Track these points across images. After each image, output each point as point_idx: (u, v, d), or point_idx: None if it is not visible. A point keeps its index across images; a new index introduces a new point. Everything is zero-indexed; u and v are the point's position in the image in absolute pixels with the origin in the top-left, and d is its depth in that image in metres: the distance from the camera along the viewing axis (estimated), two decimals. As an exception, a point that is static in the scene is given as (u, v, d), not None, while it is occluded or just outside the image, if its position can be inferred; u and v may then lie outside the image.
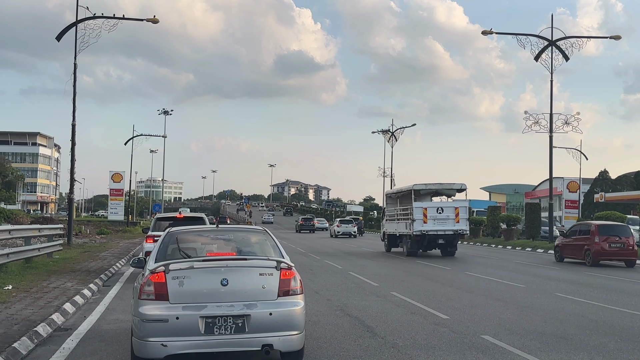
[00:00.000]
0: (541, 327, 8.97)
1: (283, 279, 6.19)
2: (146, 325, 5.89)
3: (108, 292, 12.66)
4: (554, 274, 18.33)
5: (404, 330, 8.55)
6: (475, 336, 8.14)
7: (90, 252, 22.90)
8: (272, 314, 6.00)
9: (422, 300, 11.51)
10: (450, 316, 9.70)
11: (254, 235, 7.38)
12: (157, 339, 5.84)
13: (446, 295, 12.35)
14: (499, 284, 14.99)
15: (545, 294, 13.00)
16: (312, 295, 12.17)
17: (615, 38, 32.31)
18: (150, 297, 5.97)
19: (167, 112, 70.09)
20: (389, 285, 14.14)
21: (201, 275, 6.09)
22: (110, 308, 10.61)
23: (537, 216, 34.95)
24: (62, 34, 27.23)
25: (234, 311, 5.94)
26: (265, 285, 6.11)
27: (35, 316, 8.83)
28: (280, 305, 6.08)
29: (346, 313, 10.02)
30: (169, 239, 7.00)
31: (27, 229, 17.10)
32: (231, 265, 6.17)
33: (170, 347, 5.83)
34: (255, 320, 5.95)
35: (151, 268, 6.20)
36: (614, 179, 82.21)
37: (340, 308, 10.54)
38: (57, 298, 10.69)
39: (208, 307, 5.93)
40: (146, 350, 5.90)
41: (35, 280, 13.06)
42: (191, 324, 5.86)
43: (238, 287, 6.05)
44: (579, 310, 10.77)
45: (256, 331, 5.95)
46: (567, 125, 32.98)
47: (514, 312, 10.32)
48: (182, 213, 17.61)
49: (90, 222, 62.28)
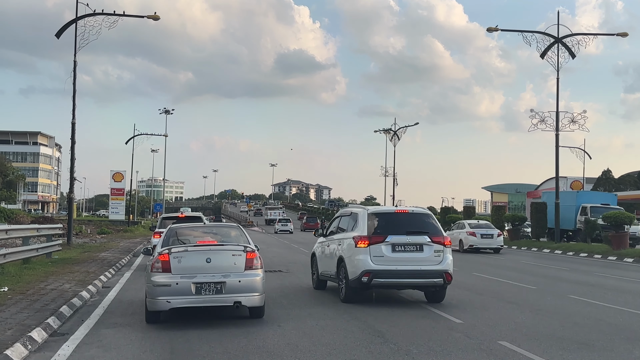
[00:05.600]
0: (560, 331, 8.57)
1: (248, 258, 8.91)
2: (156, 289, 8.60)
3: (107, 294, 12.28)
4: (564, 275, 17.92)
5: (417, 335, 8.15)
6: (492, 342, 7.74)
7: (90, 252, 22.51)
8: (241, 281, 8.71)
9: (432, 303, 11.10)
10: (463, 320, 9.30)
11: (232, 230, 10.33)
12: (163, 298, 8.57)
13: (456, 298, 11.94)
14: (509, 285, 14.59)
15: (558, 296, 12.59)
16: (318, 298, 11.79)
17: (622, 35, 31.81)
18: (159, 270, 8.71)
19: (168, 111, 69.74)
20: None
21: (193, 256, 8.81)
22: (109, 311, 10.22)
23: (543, 216, 34.44)
24: (61, 30, 26.84)
25: (215, 279, 8.64)
26: (236, 263, 8.84)
27: (31, 320, 8.44)
28: (246, 275, 8.78)
29: (353, 316, 9.62)
30: (170, 233, 9.92)
31: (24, 228, 16.71)
32: (213, 249, 8.92)
33: (173, 302, 8.57)
34: (229, 285, 8.65)
35: (159, 251, 8.99)
36: (617, 178, 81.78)
37: (347, 311, 10.12)
38: (54, 300, 10.30)
39: (197, 276, 8.63)
40: (156, 305, 8.64)
41: (33, 282, 12.67)
42: (186, 287, 8.57)
43: (218, 263, 8.77)
44: (596, 313, 10.36)
45: (230, 292, 8.65)
46: (573, 123, 32.50)
47: (528, 316, 9.92)
48: (183, 213, 20.78)
49: (91, 221, 61.98)
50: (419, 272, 10.74)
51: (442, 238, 11.05)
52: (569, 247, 29.81)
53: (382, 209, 12.42)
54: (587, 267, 21.08)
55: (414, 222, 11.25)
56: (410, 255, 10.81)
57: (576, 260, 24.43)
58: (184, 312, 9.17)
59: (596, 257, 25.68)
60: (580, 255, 27.07)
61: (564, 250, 28.90)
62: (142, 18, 27.81)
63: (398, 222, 11.19)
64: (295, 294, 12.39)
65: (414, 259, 10.80)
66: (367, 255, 10.71)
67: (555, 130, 31.70)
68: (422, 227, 11.11)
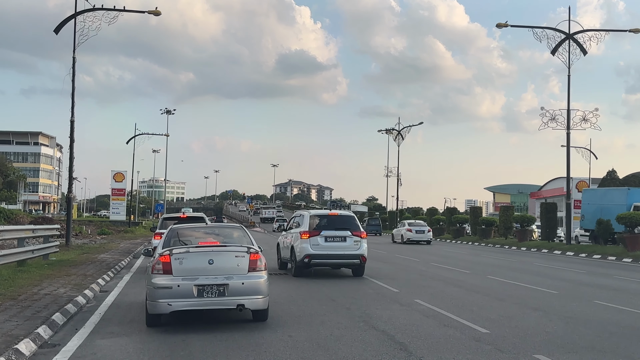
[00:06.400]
0: (598, 343, 7.82)
1: (252, 260, 8.53)
2: (157, 291, 8.19)
3: (105, 299, 11.55)
4: (582, 278, 17.16)
5: (442, 347, 7.40)
6: (527, 356, 6.99)
7: (89, 253, 21.80)
8: (244, 283, 8.33)
9: (452, 310, 10.36)
10: (489, 330, 8.55)
11: (235, 231, 9.91)
12: (164, 300, 8.15)
13: (476, 304, 11.21)
14: (529, 289, 13.83)
15: (584, 302, 11.85)
16: (328, 304, 11.04)
17: (634, 31, 31.04)
18: (160, 272, 8.31)
19: (170, 111, 69.27)
20: (410, 291, 12.99)
21: (194, 257, 8.42)
22: (106, 318, 9.49)
23: (554, 216, 33.63)
24: (60, 26, 26.16)
25: (217, 281, 8.24)
26: (239, 264, 8.46)
27: (19, 330, 7.72)
28: (250, 277, 8.41)
29: (371, 325, 8.87)
30: (171, 233, 9.52)
31: (19, 229, 15.97)
32: (216, 250, 8.52)
33: (174, 305, 8.15)
34: (232, 288, 8.26)
35: (160, 252, 8.60)
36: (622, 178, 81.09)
37: (363, 319, 9.39)
38: (47, 307, 9.58)
39: (199, 278, 8.25)
40: (157, 308, 8.20)
41: (26, 286, 11.95)
42: (188, 289, 8.18)
43: (220, 265, 8.37)
44: (629, 321, 9.62)
45: (233, 295, 8.26)
46: (584, 121, 31.69)
47: (559, 325, 9.17)
48: (185, 213, 19.99)
49: (92, 222, 61.31)
50: (343, 255, 15.40)
51: (360, 232, 15.59)
52: (581, 248, 29.04)
53: (319, 212, 16.74)
54: (604, 269, 20.33)
55: (341, 222, 15.75)
56: (337, 244, 15.42)
57: (590, 263, 23.68)
58: (186, 315, 8.79)
59: (610, 259, 24.94)
60: (593, 257, 26.32)
61: (575, 252, 28.14)
62: (143, 13, 27.13)
63: (330, 222, 15.68)
64: (304, 299, 11.65)
65: (340, 246, 15.39)
66: (308, 244, 15.27)
67: (567, 128, 30.88)
68: (346, 225, 15.60)
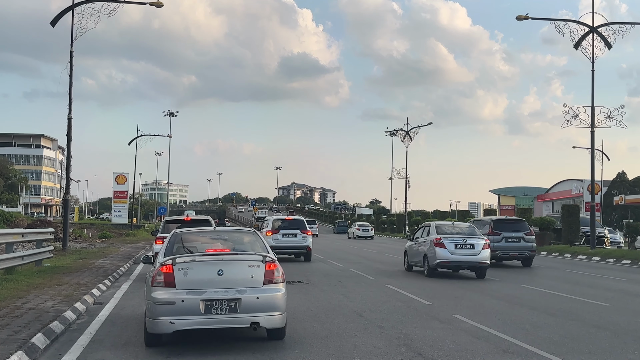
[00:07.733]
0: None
1: (268, 270, 7.40)
2: (157, 307, 7.10)
3: (99, 313, 10.10)
4: (626, 287, 15.61)
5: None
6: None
7: (86, 258, 20.34)
8: (259, 298, 7.22)
9: (501, 328, 8.86)
10: (561, 357, 7.05)
11: (245, 236, 8.73)
12: (166, 318, 7.06)
13: (527, 320, 9.70)
14: (575, 301, 12.32)
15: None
16: (356, 320, 9.54)
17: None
18: (161, 285, 7.20)
19: (172, 113, 68.33)
20: (444, 304, 11.49)
21: (201, 267, 7.30)
22: (96, 340, 8.03)
23: (576, 219, 32.05)
24: (57, 18, 24.78)
25: (228, 295, 7.15)
26: (253, 275, 7.33)
27: (-12, 358, 6.27)
28: (266, 291, 7.28)
29: (415, 351, 7.35)
30: (174, 239, 8.29)
31: (6, 233, 14.51)
32: (226, 259, 7.40)
33: (177, 324, 7.06)
34: (245, 303, 7.17)
35: (161, 261, 7.47)
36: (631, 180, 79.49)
37: (402, 341, 7.89)
38: (28, 326, 8.12)
39: (207, 292, 7.15)
40: (157, 327, 7.12)
41: (9, 298, 10.49)
42: (193, 305, 7.08)
43: (231, 276, 7.26)
44: None
45: (246, 312, 7.17)
46: (610, 119, 30.17)
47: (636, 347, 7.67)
48: (189, 216, 19.14)
49: (93, 225, 60.12)
50: (295, 246, 22.80)
51: (306, 231, 23.22)
52: (607, 253, 27.50)
53: (279, 217, 24.94)
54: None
55: (294, 223, 23.52)
56: (291, 239, 22.81)
57: (621, 268, 22.14)
58: (191, 334, 7.53)
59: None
60: (622, 262, 24.78)
61: (602, 257, 26.59)
62: (144, 5, 25.64)
63: (286, 223, 23.43)
64: (327, 314, 10.16)
65: (293, 240, 22.82)
66: (271, 239, 22.00)
67: (591, 126, 29.33)
68: (298, 226, 23.32)
